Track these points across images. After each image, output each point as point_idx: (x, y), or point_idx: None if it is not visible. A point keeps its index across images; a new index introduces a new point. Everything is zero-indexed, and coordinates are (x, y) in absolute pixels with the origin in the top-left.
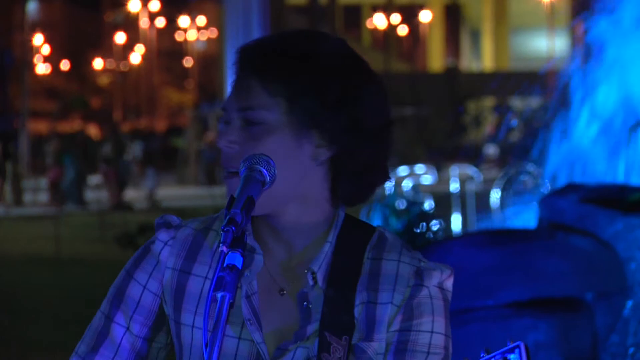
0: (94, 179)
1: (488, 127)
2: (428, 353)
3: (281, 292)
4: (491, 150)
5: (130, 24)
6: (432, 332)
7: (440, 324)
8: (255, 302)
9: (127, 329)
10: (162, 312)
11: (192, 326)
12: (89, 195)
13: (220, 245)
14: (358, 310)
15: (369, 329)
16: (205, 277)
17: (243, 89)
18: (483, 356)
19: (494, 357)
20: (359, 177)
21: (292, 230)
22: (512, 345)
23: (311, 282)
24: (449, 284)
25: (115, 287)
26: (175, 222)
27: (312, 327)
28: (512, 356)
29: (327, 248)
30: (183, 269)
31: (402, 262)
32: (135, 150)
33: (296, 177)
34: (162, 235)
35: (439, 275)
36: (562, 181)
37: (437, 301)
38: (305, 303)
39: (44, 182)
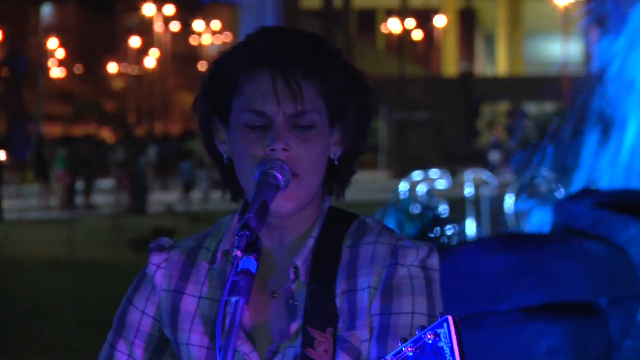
0: (105, 183)
1: (493, 132)
2: (411, 335)
3: (274, 295)
4: (495, 156)
5: (144, 27)
6: (412, 312)
7: (421, 304)
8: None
9: (129, 355)
10: (163, 336)
11: (188, 344)
12: (99, 199)
13: (235, 249)
14: (339, 300)
15: (350, 317)
16: (200, 297)
17: (296, 94)
18: (409, 340)
19: (424, 334)
20: (352, 172)
21: (286, 226)
22: (441, 319)
23: (292, 277)
24: (432, 261)
25: (117, 315)
26: (167, 244)
27: (297, 324)
28: (441, 331)
29: (311, 243)
30: (176, 289)
31: (379, 243)
32: (149, 154)
33: (323, 174)
34: (155, 258)
35: (414, 253)
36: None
37: (417, 281)
38: (290, 301)
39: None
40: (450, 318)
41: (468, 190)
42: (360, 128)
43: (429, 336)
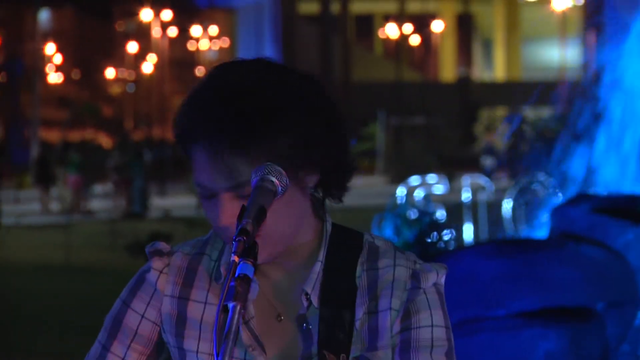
0: (101, 188)
1: (485, 138)
2: (432, 347)
3: (279, 318)
4: (488, 161)
5: (142, 33)
6: (432, 325)
7: (438, 317)
8: (254, 327)
9: (124, 358)
10: (160, 341)
11: (197, 352)
12: (96, 204)
13: (232, 255)
14: (360, 324)
15: (371, 337)
16: (205, 302)
17: (224, 169)
18: None
19: None
20: (342, 179)
21: (287, 253)
22: None
23: (305, 304)
24: (443, 279)
25: (111, 317)
26: (165, 249)
27: (312, 349)
28: None
29: (318, 267)
30: (181, 295)
31: (398, 266)
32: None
33: (298, 212)
34: (156, 263)
35: (435, 277)
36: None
37: (431, 295)
38: (304, 325)
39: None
40: None
41: (465, 196)
42: (332, 159)
43: None
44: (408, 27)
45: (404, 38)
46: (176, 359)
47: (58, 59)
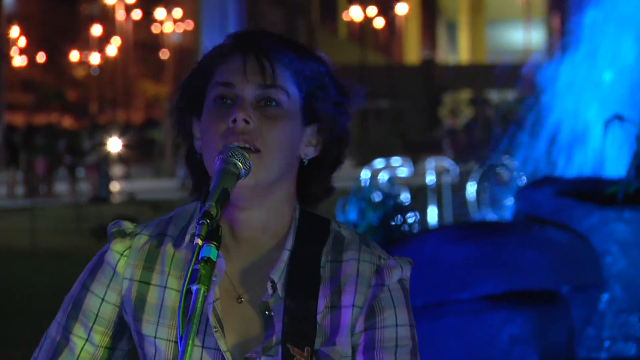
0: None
1: (447, 121)
2: (396, 346)
3: (239, 300)
4: (448, 144)
5: (106, 16)
6: (396, 325)
7: (402, 316)
8: (219, 309)
9: (87, 340)
10: (122, 321)
11: (155, 337)
12: (59, 188)
13: (195, 237)
14: (321, 317)
15: (332, 332)
16: (165, 287)
17: (265, 68)
18: None
19: None
20: (328, 179)
21: (256, 229)
22: None
23: (270, 291)
24: (407, 273)
25: (71, 298)
26: (128, 229)
27: (276, 337)
28: None
29: (286, 256)
30: (142, 279)
31: (362, 261)
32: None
33: (290, 167)
34: (117, 246)
35: (399, 273)
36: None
37: (396, 293)
38: (267, 312)
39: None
40: None
41: (430, 178)
42: (335, 135)
43: None
44: (372, 10)
45: (368, 21)
46: (136, 341)
47: (22, 42)
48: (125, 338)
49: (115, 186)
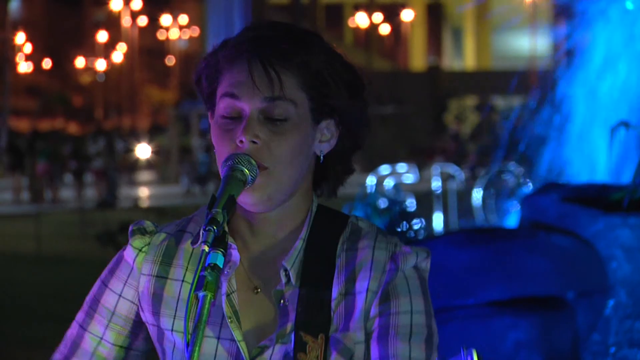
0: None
1: (452, 126)
2: (411, 333)
3: (255, 291)
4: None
5: (112, 22)
6: (411, 312)
7: (418, 303)
8: (236, 300)
9: (102, 338)
10: (139, 320)
11: (172, 330)
12: (64, 193)
13: (201, 244)
14: (335, 304)
15: (346, 319)
16: (182, 280)
17: (271, 79)
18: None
19: None
20: (344, 173)
21: (273, 224)
22: (464, 353)
23: (284, 280)
24: (425, 264)
25: (90, 297)
26: (150, 227)
27: (289, 325)
28: None
29: (300, 244)
30: (159, 274)
31: (377, 249)
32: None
33: (303, 172)
34: (136, 242)
35: (414, 259)
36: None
37: (412, 280)
38: (282, 301)
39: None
40: (474, 352)
41: (435, 184)
42: (353, 123)
43: None
44: (378, 16)
45: (373, 27)
46: (154, 337)
47: (28, 48)
48: (142, 338)
49: (143, 192)
